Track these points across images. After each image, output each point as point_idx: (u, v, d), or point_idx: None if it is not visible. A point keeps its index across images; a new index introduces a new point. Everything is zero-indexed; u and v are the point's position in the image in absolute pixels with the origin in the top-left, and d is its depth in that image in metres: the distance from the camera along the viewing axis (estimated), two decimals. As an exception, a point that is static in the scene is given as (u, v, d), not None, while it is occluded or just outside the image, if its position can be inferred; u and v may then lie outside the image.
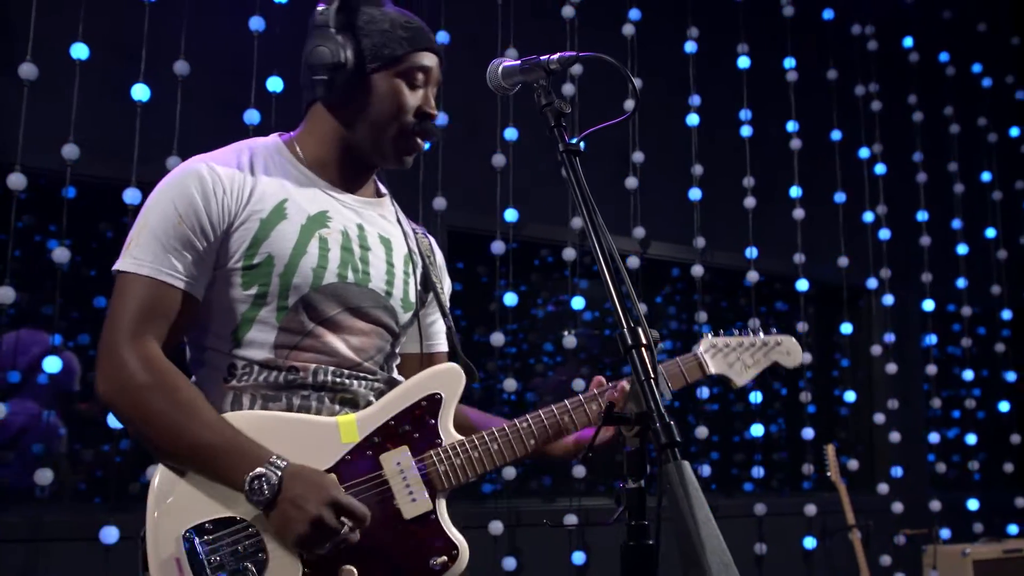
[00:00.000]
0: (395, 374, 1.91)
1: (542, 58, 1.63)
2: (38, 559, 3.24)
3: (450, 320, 1.98)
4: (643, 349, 1.32)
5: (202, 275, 1.70)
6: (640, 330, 1.33)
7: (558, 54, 1.62)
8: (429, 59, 1.83)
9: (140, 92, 3.48)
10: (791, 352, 2.14)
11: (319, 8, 1.80)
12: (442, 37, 4.06)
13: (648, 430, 1.28)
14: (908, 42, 5.58)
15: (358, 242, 1.82)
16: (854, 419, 5.55)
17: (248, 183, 1.74)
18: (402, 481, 1.72)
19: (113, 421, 3.25)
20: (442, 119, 3.98)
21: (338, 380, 1.75)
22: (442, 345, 2.03)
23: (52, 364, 3.26)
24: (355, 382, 1.78)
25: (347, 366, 1.77)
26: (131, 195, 3.40)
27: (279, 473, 1.58)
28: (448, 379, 1.83)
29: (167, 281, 1.66)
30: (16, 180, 3.22)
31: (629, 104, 4.47)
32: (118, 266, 1.68)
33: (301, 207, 1.77)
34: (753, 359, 2.08)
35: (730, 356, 2.05)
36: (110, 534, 3.20)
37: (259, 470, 1.57)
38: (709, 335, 2.06)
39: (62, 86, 3.38)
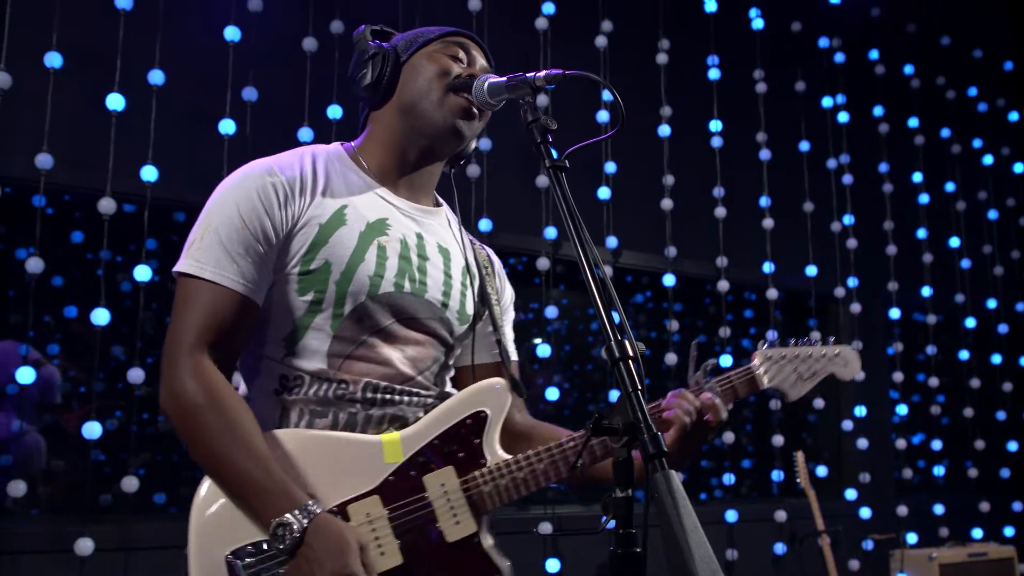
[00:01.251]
0: (448, 387, 1.87)
1: (528, 75, 1.62)
2: (11, 572, 3.21)
3: (501, 333, 1.92)
4: (629, 361, 1.34)
5: (263, 280, 1.68)
6: (627, 343, 1.34)
7: (544, 71, 1.60)
8: (466, 42, 1.85)
9: (115, 101, 3.46)
10: (848, 363, 2.02)
11: (356, 32, 1.87)
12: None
13: (635, 441, 1.30)
14: (874, 55, 5.68)
15: (416, 251, 1.80)
16: (822, 426, 5.62)
17: (309, 187, 1.73)
18: (446, 503, 1.68)
19: (87, 432, 3.22)
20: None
21: (387, 396, 1.72)
22: (497, 358, 1.95)
23: (25, 375, 3.23)
24: (405, 397, 1.74)
25: (399, 380, 1.74)
26: (105, 205, 3.39)
27: (304, 524, 1.52)
28: (494, 396, 1.78)
29: (229, 286, 1.63)
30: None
31: (601, 115, 4.52)
32: (180, 268, 1.66)
33: (361, 214, 1.75)
34: (810, 371, 1.98)
35: (785, 368, 1.96)
36: (85, 546, 3.18)
37: (287, 517, 1.52)
38: (764, 347, 1.96)
39: (36, 95, 3.36)
